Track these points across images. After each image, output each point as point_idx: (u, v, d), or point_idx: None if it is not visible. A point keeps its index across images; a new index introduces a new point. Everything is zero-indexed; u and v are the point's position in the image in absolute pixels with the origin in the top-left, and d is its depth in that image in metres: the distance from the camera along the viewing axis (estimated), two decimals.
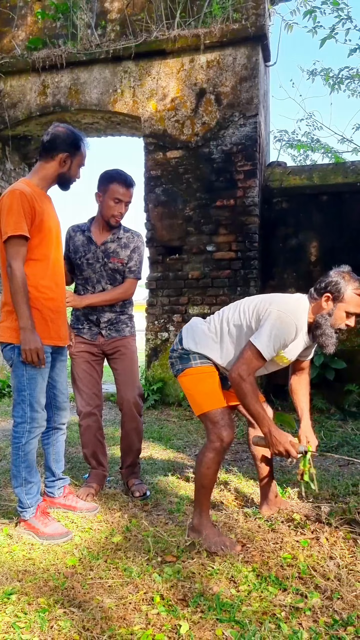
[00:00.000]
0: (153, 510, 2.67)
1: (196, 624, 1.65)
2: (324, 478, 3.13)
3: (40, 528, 2.34)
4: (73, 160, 2.47)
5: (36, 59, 6.33)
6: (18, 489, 2.41)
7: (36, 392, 2.37)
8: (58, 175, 2.48)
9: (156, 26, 6.04)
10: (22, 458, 2.39)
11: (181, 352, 2.36)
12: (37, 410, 2.39)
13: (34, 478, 2.43)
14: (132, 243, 2.95)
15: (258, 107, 5.74)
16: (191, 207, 5.92)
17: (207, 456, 2.25)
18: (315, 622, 1.65)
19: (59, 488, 2.71)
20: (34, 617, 1.69)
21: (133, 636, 1.58)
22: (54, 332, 2.45)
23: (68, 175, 2.51)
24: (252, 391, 2.17)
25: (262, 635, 1.57)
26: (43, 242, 2.42)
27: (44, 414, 2.44)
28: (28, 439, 2.38)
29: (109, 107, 6.22)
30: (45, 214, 2.42)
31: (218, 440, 2.23)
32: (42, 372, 2.40)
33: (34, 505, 2.41)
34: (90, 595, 1.83)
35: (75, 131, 2.52)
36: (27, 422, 2.38)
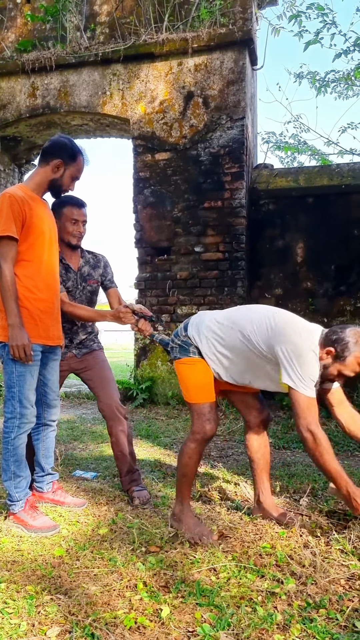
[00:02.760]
0: (139, 504, 2.75)
1: (177, 608, 1.73)
2: (304, 473, 3.23)
3: (28, 521, 2.40)
4: (66, 169, 2.52)
5: (26, 60, 6.38)
6: (7, 483, 2.48)
7: (25, 389, 2.43)
8: (49, 181, 2.53)
9: (145, 29, 6.12)
10: (11, 452, 2.45)
11: (183, 341, 2.38)
12: (26, 407, 2.45)
13: (23, 472, 2.49)
14: (101, 261, 3.06)
15: (245, 110, 5.84)
16: (179, 209, 6.01)
17: (189, 446, 2.33)
18: (290, 605, 1.74)
19: (47, 483, 2.77)
20: (22, 604, 1.77)
21: (116, 620, 1.66)
22: (42, 331, 2.51)
23: (59, 183, 2.54)
24: (328, 448, 2.13)
25: (239, 617, 1.65)
26: (34, 244, 2.47)
27: (33, 410, 2.49)
28: (17, 434, 2.45)
29: (98, 109, 6.29)
30: (36, 217, 2.46)
31: (201, 432, 2.31)
32: (31, 370, 2.45)
33: (23, 499, 2.47)
34: (76, 583, 1.91)
35: (76, 144, 2.58)
36: (16, 418, 2.44)
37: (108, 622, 1.65)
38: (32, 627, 1.64)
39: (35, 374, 2.49)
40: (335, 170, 6.03)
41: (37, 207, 2.50)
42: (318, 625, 1.61)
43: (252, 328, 2.28)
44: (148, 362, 6.09)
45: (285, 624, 1.63)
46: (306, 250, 5.97)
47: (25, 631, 1.62)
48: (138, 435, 4.49)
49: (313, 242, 5.92)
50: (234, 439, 4.43)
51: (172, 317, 6.00)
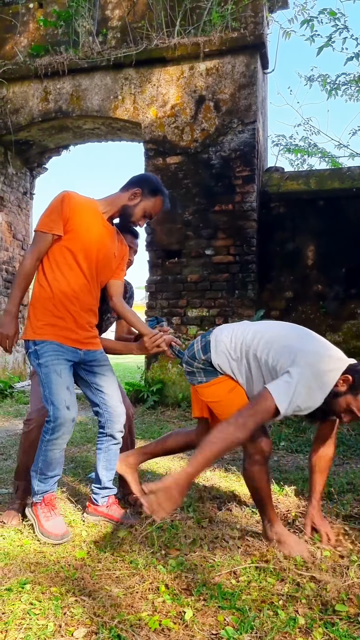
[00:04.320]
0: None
1: (199, 611, 1.76)
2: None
3: (42, 520, 2.36)
4: (142, 200, 2.54)
5: (38, 65, 6.45)
6: (33, 473, 2.43)
7: (53, 388, 2.34)
8: (122, 206, 2.55)
9: (156, 34, 6.16)
10: (42, 452, 2.38)
11: (205, 365, 2.28)
12: (59, 408, 2.33)
13: (51, 472, 2.42)
14: (129, 292, 3.03)
15: (256, 114, 5.87)
16: (190, 212, 6.04)
17: (253, 471, 2.18)
18: (311, 609, 1.77)
19: (103, 497, 2.62)
20: (48, 605, 1.80)
21: (141, 622, 1.70)
22: (62, 331, 2.42)
23: (130, 211, 2.55)
24: (226, 441, 1.93)
25: (261, 620, 1.69)
26: (67, 247, 2.44)
27: (68, 413, 2.34)
28: (50, 437, 2.35)
29: (109, 113, 6.34)
30: (80, 226, 2.45)
31: (259, 453, 2.16)
32: (56, 369, 2.37)
33: (41, 494, 2.42)
34: (99, 585, 1.95)
35: (162, 185, 2.62)
36: (51, 421, 2.34)
37: (133, 624, 1.68)
38: (59, 628, 1.68)
39: (64, 373, 2.39)
40: (346, 173, 6.05)
41: (89, 218, 2.48)
42: (340, 628, 1.64)
43: (272, 350, 2.16)
44: (159, 364, 6.13)
45: (307, 628, 1.66)
46: (317, 253, 5.99)
47: (52, 632, 1.66)
48: (150, 438, 4.52)
49: (324, 245, 5.94)
50: None
51: (182, 320, 6.04)
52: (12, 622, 1.71)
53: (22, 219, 7.64)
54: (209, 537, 2.35)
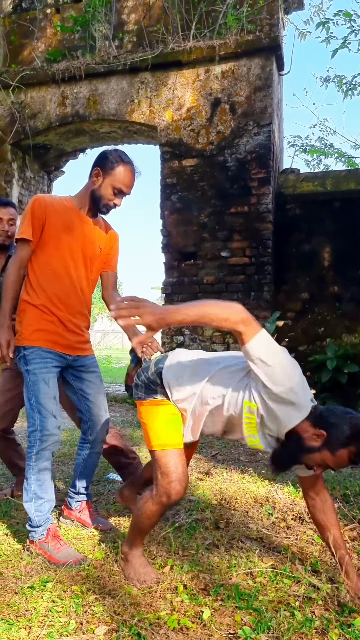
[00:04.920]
0: (173, 509, 2.83)
1: (217, 611, 1.80)
2: (336, 479, 3.26)
3: (52, 554, 2.21)
4: (105, 178, 2.37)
5: (56, 70, 6.52)
6: (27, 504, 2.29)
7: (40, 397, 2.29)
8: (90, 192, 2.42)
9: (172, 37, 6.20)
10: (33, 469, 2.29)
11: (150, 380, 1.99)
12: (46, 416, 2.28)
13: (46, 494, 2.31)
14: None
15: (272, 116, 5.88)
16: (206, 214, 6.07)
17: (150, 508, 1.94)
18: (327, 610, 1.80)
19: (76, 502, 2.65)
20: (69, 603, 1.86)
21: (160, 620, 1.74)
22: (51, 336, 2.38)
23: (98, 194, 2.39)
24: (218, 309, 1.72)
25: (278, 621, 1.72)
26: (50, 253, 2.39)
27: (56, 421, 2.31)
28: (39, 448, 2.28)
29: (126, 116, 6.39)
30: (57, 226, 2.38)
31: (165, 496, 1.90)
32: (44, 377, 2.32)
33: (44, 525, 2.28)
34: (118, 584, 1.99)
35: (121, 154, 2.40)
36: (37, 430, 2.28)
37: (152, 623, 1.73)
38: (80, 626, 1.73)
39: (51, 382, 2.35)
40: None
41: (65, 218, 2.41)
42: (356, 630, 1.66)
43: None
44: None
45: (323, 629, 1.69)
46: (333, 254, 5.98)
47: (74, 629, 1.71)
48: None
49: (340, 246, 5.93)
50: None
51: None
52: (35, 618, 1.77)
53: None
54: (225, 539, 2.38)
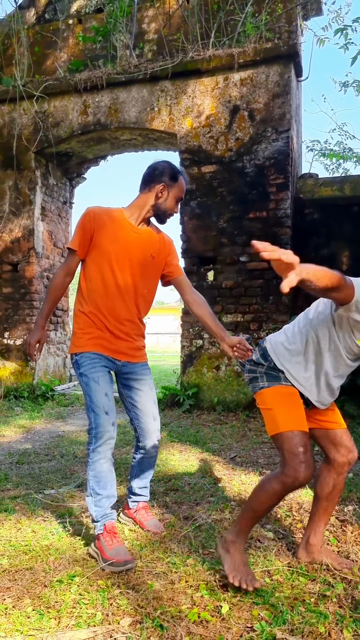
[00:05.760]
0: (193, 509, 2.93)
1: (235, 606, 1.89)
2: (352, 482, 3.32)
3: (104, 550, 2.25)
4: (170, 191, 2.52)
5: (78, 80, 6.69)
6: (88, 499, 2.41)
7: (93, 396, 2.40)
8: (153, 206, 2.53)
9: (192, 46, 6.32)
10: (91, 466, 2.39)
11: (270, 368, 2.14)
12: (99, 414, 2.37)
13: (104, 490, 2.38)
14: None
15: (290, 122, 5.95)
16: (225, 220, 6.17)
17: (273, 487, 1.97)
18: (341, 607, 1.88)
19: (133, 501, 2.75)
20: (96, 596, 1.97)
21: (181, 614, 1.84)
22: (98, 340, 2.48)
23: (164, 208, 2.54)
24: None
25: (293, 616, 1.80)
26: (96, 262, 2.49)
27: (108, 418, 2.38)
28: (95, 446, 2.38)
29: (146, 124, 6.53)
30: (106, 237, 2.48)
31: (293, 478, 1.94)
32: (95, 377, 2.42)
33: (101, 521, 2.36)
34: (141, 580, 2.10)
35: (172, 164, 2.57)
36: (93, 428, 2.39)
37: (174, 616, 1.83)
38: (106, 617, 1.84)
39: (102, 380, 2.43)
40: None
41: (114, 229, 2.50)
42: None
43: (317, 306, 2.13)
44: (194, 368, 6.27)
45: (337, 624, 1.77)
46: (351, 258, 6.02)
47: (101, 620, 1.82)
48: (187, 442, 4.67)
49: (358, 250, 5.96)
50: None
51: None
52: (63, 610, 1.88)
53: (62, 228, 7.92)
54: None
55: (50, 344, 7.55)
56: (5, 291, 7.16)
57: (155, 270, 2.62)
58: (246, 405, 5.93)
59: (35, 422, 5.69)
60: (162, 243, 2.64)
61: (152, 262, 2.58)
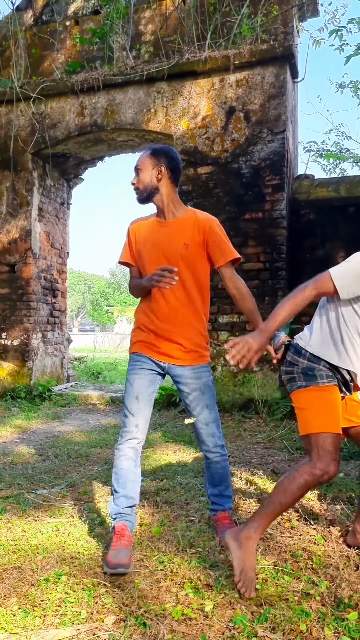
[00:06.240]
0: (183, 509, 2.94)
1: (219, 604, 1.91)
2: (343, 482, 3.34)
3: (109, 549, 2.26)
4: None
5: (75, 82, 6.71)
6: (110, 497, 2.47)
7: (125, 397, 2.51)
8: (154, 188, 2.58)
9: (188, 47, 6.34)
10: (115, 463, 2.46)
11: (307, 367, 2.18)
12: (126, 415, 2.47)
13: (122, 490, 2.40)
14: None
15: (286, 123, 5.96)
16: (221, 220, 6.03)
17: (305, 479, 2.04)
18: (324, 605, 1.89)
19: (211, 510, 2.66)
20: (81, 595, 1.99)
21: (165, 612, 1.86)
22: (143, 341, 2.54)
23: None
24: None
25: (275, 614, 1.82)
26: (143, 266, 2.58)
27: (133, 420, 2.45)
28: (118, 444, 2.47)
29: (143, 126, 6.55)
30: (142, 241, 2.59)
31: (324, 471, 2.03)
32: (130, 378, 2.53)
33: (116, 520, 2.38)
34: (128, 578, 2.12)
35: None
36: (120, 427, 2.50)
37: (158, 614, 1.85)
38: (91, 615, 1.86)
39: (136, 382, 2.50)
40: None
41: (146, 229, 2.60)
42: (349, 624, 1.75)
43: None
44: None
45: (318, 621, 1.79)
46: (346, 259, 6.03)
47: (85, 618, 1.84)
48: (181, 442, 4.68)
49: (354, 250, 5.88)
50: (274, 447, 4.56)
51: (213, 326, 6.18)
52: (49, 608, 1.90)
53: (60, 229, 7.94)
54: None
55: (47, 344, 7.57)
56: (3, 292, 7.18)
57: (196, 257, 2.53)
58: (242, 405, 5.95)
59: (31, 422, 5.71)
60: (196, 227, 2.54)
61: (187, 251, 2.51)
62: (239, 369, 6.01)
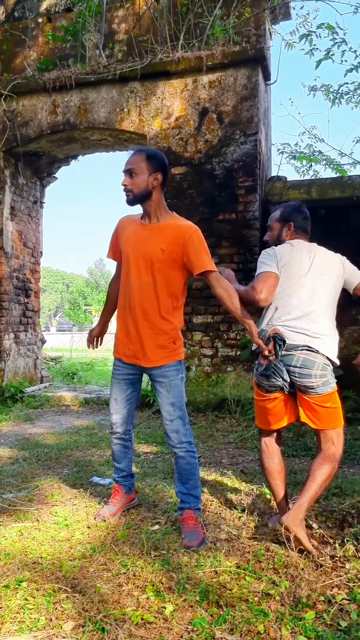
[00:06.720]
0: (151, 511, 2.94)
1: (180, 607, 1.91)
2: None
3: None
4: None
5: (47, 79, 6.64)
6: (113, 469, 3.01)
7: (110, 397, 2.86)
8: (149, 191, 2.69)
9: (161, 48, 6.32)
10: (111, 447, 2.95)
11: (332, 370, 2.53)
12: (111, 412, 2.87)
13: (117, 464, 2.93)
14: None
15: (258, 125, 6.00)
16: (194, 221, 6.04)
17: (335, 467, 2.48)
18: (282, 605, 1.91)
19: (180, 508, 2.67)
20: (41, 601, 1.97)
21: (125, 616, 1.85)
22: (117, 346, 2.78)
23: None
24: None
25: (234, 615, 1.83)
26: (124, 266, 2.73)
27: (111, 417, 2.86)
28: (110, 435, 2.95)
29: (116, 125, 6.51)
30: (124, 240, 2.72)
31: (339, 462, 2.53)
32: (112, 383, 2.84)
33: (112, 481, 3.00)
34: (90, 583, 2.10)
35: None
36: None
37: (117, 618, 1.84)
38: (49, 622, 1.84)
39: (114, 388, 2.82)
40: (347, 182, 6.14)
41: (129, 229, 2.73)
42: (306, 623, 1.77)
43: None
44: None
45: (276, 621, 1.80)
46: None
47: (43, 625, 1.82)
48: (154, 442, 4.68)
49: None
50: (245, 446, 4.59)
51: (187, 327, 6.18)
52: (7, 615, 1.88)
53: (33, 228, 7.85)
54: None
55: (20, 345, 7.48)
56: None
57: (170, 262, 2.60)
58: (215, 405, 5.97)
59: (2, 424, 5.64)
60: (175, 234, 2.61)
61: (164, 256, 2.59)
62: (214, 369, 6.03)
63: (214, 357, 6.08)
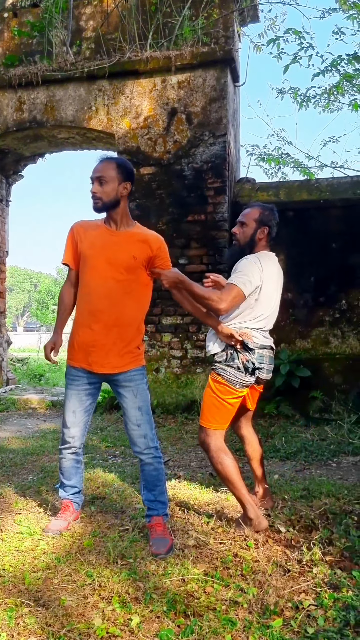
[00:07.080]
0: (118, 517, 2.89)
1: (146, 618, 1.87)
2: (277, 484, 3.38)
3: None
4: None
5: (12, 75, 6.50)
6: (59, 485, 2.89)
7: (65, 411, 2.74)
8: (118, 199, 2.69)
9: (129, 46, 6.26)
10: (60, 463, 2.85)
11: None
12: (64, 425, 2.76)
13: (67, 481, 2.82)
14: None
15: (227, 126, 6.00)
16: (164, 222, 6.15)
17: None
18: (250, 613, 1.89)
19: (147, 515, 2.65)
20: (2, 616, 1.90)
21: (89, 630, 1.80)
22: (78, 354, 2.67)
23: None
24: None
25: (201, 625, 1.80)
26: (83, 270, 2.66)
27: (68, 431, 2.74)
28: (61, 449, 2.82)
29: (84, 123, 6.42)
30: (87, 245, 2.65)
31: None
32: (70, 393, 2.71)
33: (62, 499, 2.84)
34: (55, 596, 2.04)
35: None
36: (61, 435, 2.81)
37: (82, 632, 1.79)
38: (11, 638, 1.78)
39: (71, 399, 2.70)
40: (315, 185, 6.22)
41: (93, 234, 2.67)
42: (274, 631, 1.76)
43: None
44: None
45: (244, 630, 1.78)
46: (287, 262, 6.12)
47: None
48: (122, 446, 4.62)
49: (293, 254, 6.09)
50: None
51: (157, 328, 6.14)
52: None
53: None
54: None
55: None
56: None
57: (139, 269, 2.64)
58: (185, 407, 5.95)
59: None
60: (146, 243, 2.66)
61: (136, 263, 2.62)
62: (183, 370, 6.01)
63: (184, 358, 6.06)
